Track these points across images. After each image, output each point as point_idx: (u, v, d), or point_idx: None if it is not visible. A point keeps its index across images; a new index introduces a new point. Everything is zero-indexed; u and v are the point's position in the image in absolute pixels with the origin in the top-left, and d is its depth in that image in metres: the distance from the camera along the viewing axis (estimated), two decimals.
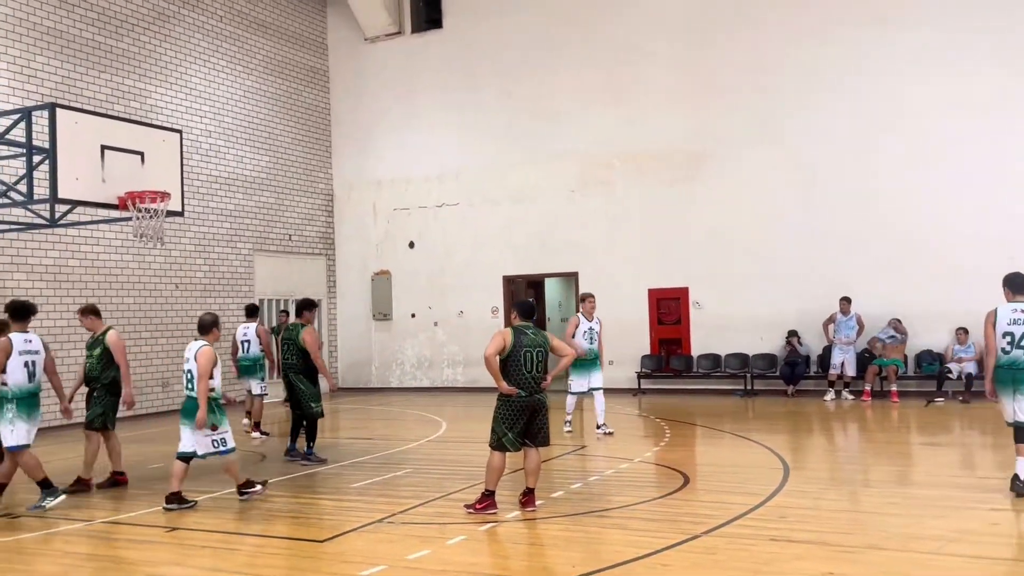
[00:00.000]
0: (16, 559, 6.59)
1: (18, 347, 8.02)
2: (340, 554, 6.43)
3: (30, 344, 8.16)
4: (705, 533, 6.54)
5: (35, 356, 8.19)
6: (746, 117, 16.66)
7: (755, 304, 16.51)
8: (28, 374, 8.07)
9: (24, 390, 8.03)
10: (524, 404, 7.33)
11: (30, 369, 8.09)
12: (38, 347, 8.26)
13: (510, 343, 7.33)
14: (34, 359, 8.16)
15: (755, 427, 12.65)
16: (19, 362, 8.00)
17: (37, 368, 8.18)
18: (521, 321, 7.59)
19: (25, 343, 8.11)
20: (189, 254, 16.80)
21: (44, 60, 14.39)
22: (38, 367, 8.21)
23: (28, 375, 8.07)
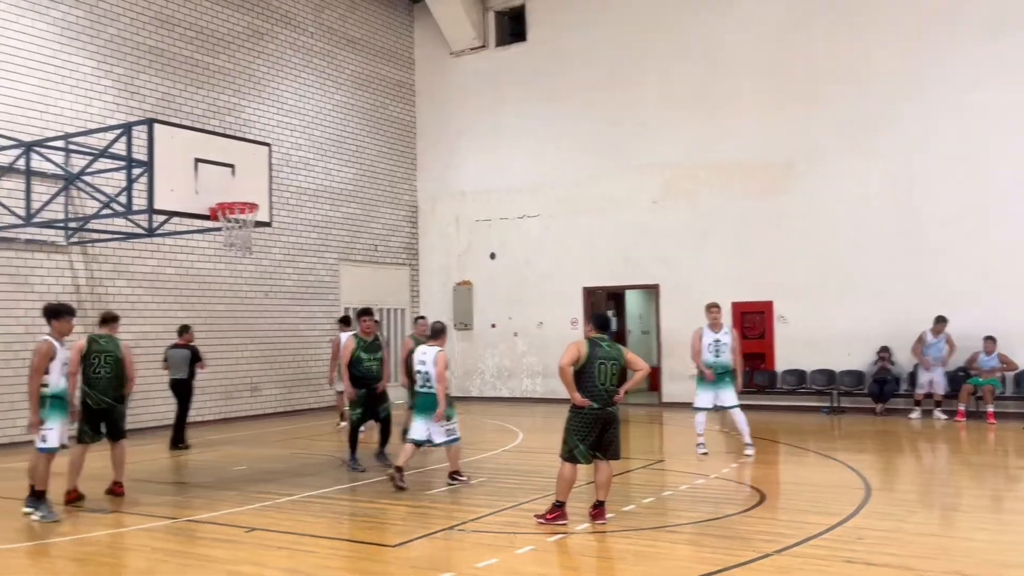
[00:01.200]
0: (107, 553, 6.93)
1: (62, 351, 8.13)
2: (410, 559, 6.54)
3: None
4: (777, 552, 6.40)
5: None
6: (838, 126, 16.24)
7: (843, 319, 16.06)
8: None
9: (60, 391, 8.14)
10: (596, 416, 7.31)
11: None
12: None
13: (584, 355, 7.31)
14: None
15: (840, 446, 12.29)
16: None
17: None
18: (596, 333, 7.56)
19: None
20: (278, 263, 17.35)
21: (146, 78, 15.11)
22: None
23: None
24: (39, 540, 7.28)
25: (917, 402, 14.80)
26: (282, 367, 17.22)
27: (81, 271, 14.04)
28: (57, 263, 13.71)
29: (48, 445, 7.98)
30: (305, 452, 12.44)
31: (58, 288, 13.63)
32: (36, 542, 7.23)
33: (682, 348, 17.41)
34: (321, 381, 16.82)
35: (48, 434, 7.97)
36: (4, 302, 13.01)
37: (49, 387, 8.03)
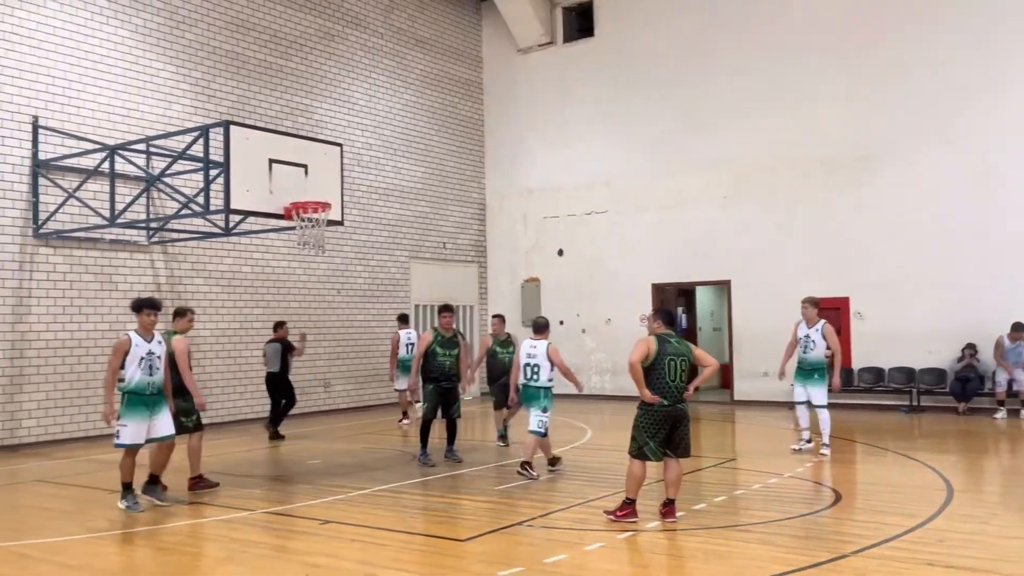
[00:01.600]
0: (188, 543, 7.15)
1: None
2: (480, 554, 6.59)
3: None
4: (854, 553, 6.26)
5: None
6: (918, 117, 15.76)
7: (923, 315, 15.58)
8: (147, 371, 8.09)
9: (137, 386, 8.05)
10: (666, 413, 7.26)
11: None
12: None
13: (654, 351, 7.27)
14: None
15: (920, 445, 11.95)
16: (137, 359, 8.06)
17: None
18: (664, 329, 7.50)
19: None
20: (350, 261, 17.64)
21: (222, 81, 15.52)
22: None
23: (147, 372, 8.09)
24: (123, 529, 7.56)
25: (1000, 402, 14.30)
26: (352, 363, 17.51)
27: (162, 270, 14.51)
28: (139, 262, 14.20)
29: (120, 441, 8.09)
30: (375, 447, 12.63)
31: (140, 286, 14.11)
32: (119, 531, 7.50)
33: (754, 345, 17.24)
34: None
35: (121, 430, 8.05)
36: (91, 300, 13.52)
37: (123, 382, 8.08)
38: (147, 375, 8.09)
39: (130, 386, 8.04)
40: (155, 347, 8.22)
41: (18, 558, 6.72)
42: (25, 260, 12.90)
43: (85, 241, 13.47)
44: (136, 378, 8.04)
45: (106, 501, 8.71)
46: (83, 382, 13.33)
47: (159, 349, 8.26)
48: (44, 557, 6.72)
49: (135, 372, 8.03)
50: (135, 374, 8.03)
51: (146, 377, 8.09)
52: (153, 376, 8.15)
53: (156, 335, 8.33)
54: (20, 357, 12.73)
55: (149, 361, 8.11)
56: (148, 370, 8.10)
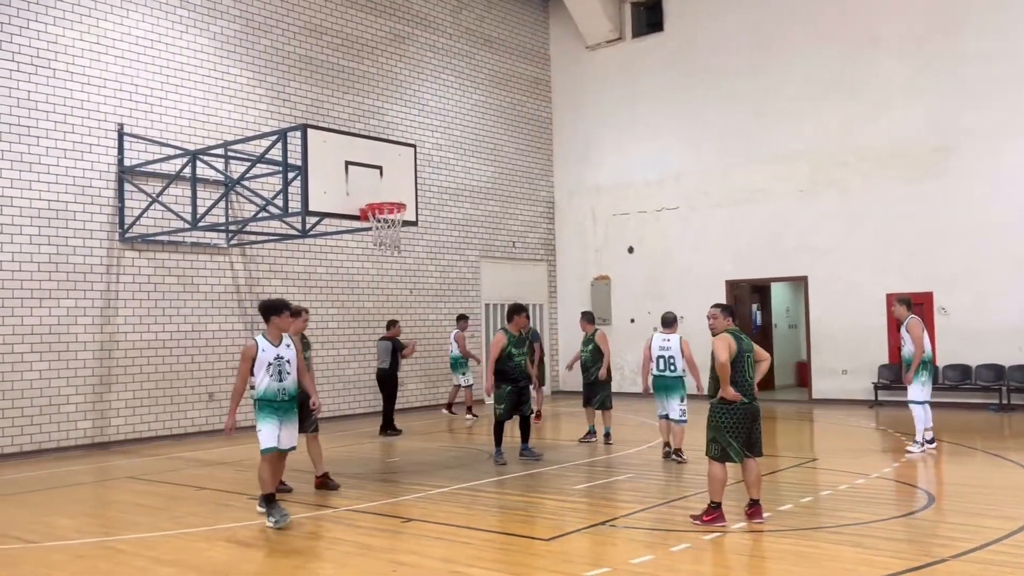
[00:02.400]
0: (275, 538, 7.27)
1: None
2: (564, 553, 6.55)
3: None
4: (953, 557, 6.03)
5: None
6: (999, 106, 15.20)
7: (1012, 311, 15.01)
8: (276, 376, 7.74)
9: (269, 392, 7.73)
10: (747, 411, 7.14)
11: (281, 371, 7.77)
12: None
13: (735, 349, 7.15)
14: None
15: (1012, 445, 11.51)
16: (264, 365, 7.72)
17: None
18: (731, 324, 7.38)
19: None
20: (422, 261, 17.78)
21: (297, 85, 15.80)
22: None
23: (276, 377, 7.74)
24: (212, 526, 7.73)
25: None
26: (425, 362, 17.65)
27: (240, 271, 14.83)
28: (219, 264, 14.54)
29: (262, 447, 7.72)
30: (451, 445, 12.70)
31: (220, 288, 14.45)
32: (209, 527, 7.67)
33: (832, 343, 16.84)
34: None
35: (259, 435, 7.71)
36: (173, 302, 13.90)
37: (254, 389, 7.73)
38: (276, 381, 7.67)
39: (260, 393, 7.68)
40: (284, 351, 7.76)
41: (113, 553, 6.92)
42: (112, 263, 13.31)
43: (168, 244, 13.85)
44: (265, 384, 7.66)
45: (195, 497, 8.93)
46: (167, 381, 13.71)
47: (288, 353, 7.79)
48: (137, 552, 6.91)
49: (264, 378, 7.65)
50: (264, 380, 7.65)
51: (275, 383, 7.66)
52: (283, 382, 7.70)
53: (285, 338, 7.88)
54: (108, 358, 13.15)
55: (278, 366, 7.68)
56: (277, 376, 7.67)
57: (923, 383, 10.75)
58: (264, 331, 7.91)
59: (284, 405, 7.77)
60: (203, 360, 14.16)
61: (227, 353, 14.44)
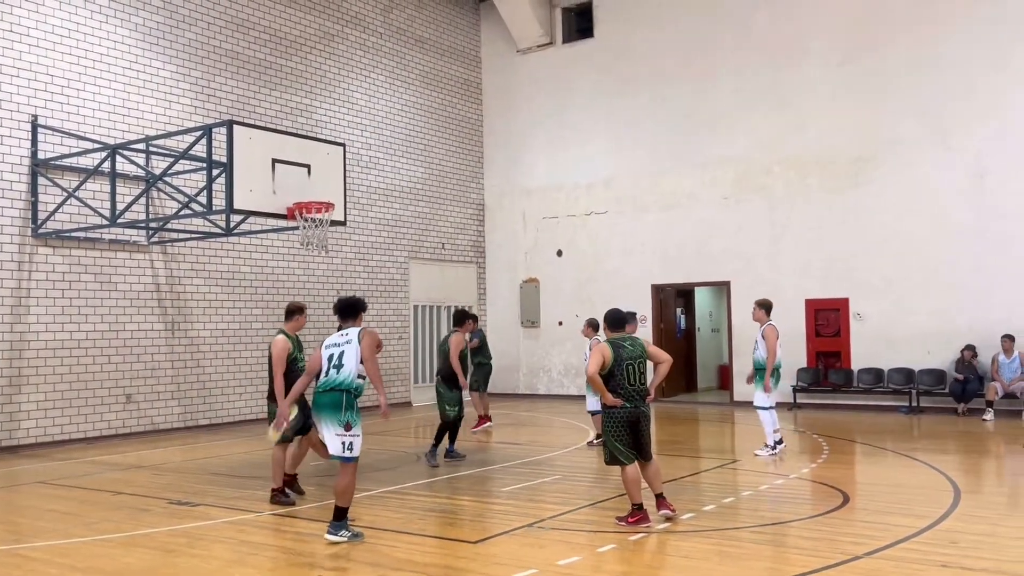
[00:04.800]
0: (196, 544, 7.09)
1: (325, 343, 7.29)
2: (492, 556, 6.55)
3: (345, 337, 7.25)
4: (867, 555, 6.24)
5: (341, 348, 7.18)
6: (917, 119, 15.78)
7: (922, 316, 15.62)
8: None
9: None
10: (628, 415, 7.28)
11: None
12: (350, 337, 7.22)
13: (610, 358, 7.29)
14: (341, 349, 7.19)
15: (921, 446, 11.97)
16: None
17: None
18: (614, 333, 7.50)
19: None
20: (350, 262, 17.58)
21: (222, 80, 15.45)
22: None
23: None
24: (129, 532, 7.49)
25: (988, 403, 14.33)
26: None
27: (161, 270, 14.43)
28: (139, 262, 14.11)
29: (357, 453, 7.20)
30: (377, 448, 12.58)
31: (139, 287, 14.04)
32: (125, 533, 7.44)
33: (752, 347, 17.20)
34: (391, 377, 17.03)
35: (356, 441, 7.20)
36: (90, 300, 13.43)
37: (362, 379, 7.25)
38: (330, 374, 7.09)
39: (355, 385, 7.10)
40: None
41: (24, 561, 6.65)
42: (24, 260, 12.80)
43: (84, 241, 13.38)
44: (321, 378, 7.12)
45: (110, 502, 8.65)
46: (82, 383, 13.25)
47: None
48: (50, 559, 6.66)
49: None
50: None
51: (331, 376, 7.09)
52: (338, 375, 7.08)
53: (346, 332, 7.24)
54: (19, 358, 12.64)
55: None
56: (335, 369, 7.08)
57: (772, 389, 10.85)
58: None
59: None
60: (120, 361, 13.72)
61: (146, 354, 14.04)
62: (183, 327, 14.57)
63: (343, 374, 7.05)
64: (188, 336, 14.61)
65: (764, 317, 11.00)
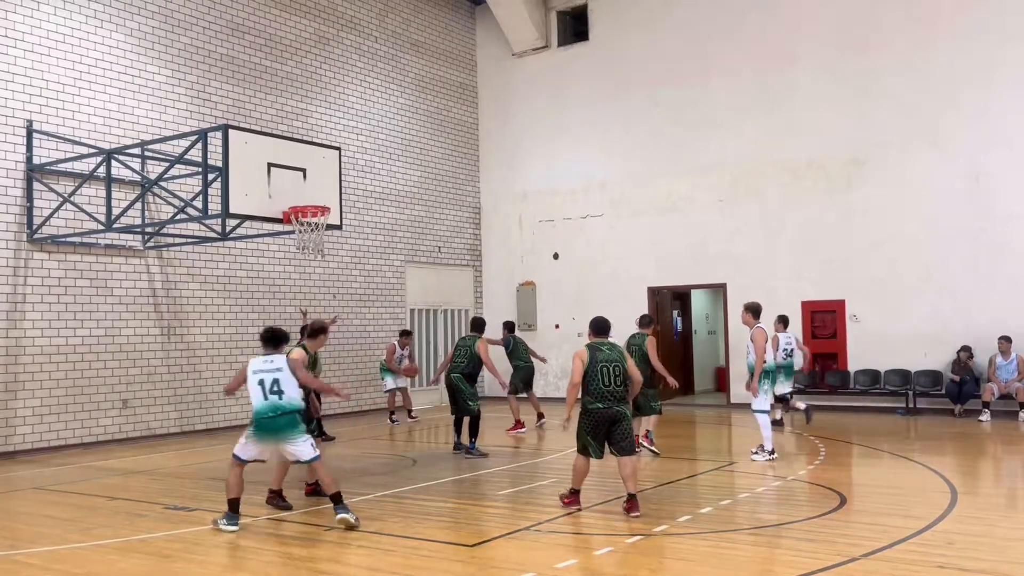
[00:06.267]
0: (193, 550, 7.07)
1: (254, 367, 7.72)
2: (490, 559, 6.55)
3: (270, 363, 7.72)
4: (864, 556, 6.25)
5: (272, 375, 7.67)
6: (910, 121, 15.83)
7: (918, 318, 15.65)
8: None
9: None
10: (602, 415, 7.74)
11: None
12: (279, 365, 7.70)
13: (587, 360, 7.80)
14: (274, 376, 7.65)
15: (918, 447, 11.98)
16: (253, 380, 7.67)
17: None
18: (596, 338, 8.05)
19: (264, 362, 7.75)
20: (346, 265, 17.57)
21: (218, 85, 15.45)
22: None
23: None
24: (125, 537, 7.48)
25: (985, 404, 14.36)
26: (349, 368, 17.44)
27: (157, 275, 14.41)
28: (135, 267, 14.09)
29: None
30: (374, 452, 12.57)
31: (135, 292, 14.02)
32: (122, 539, 7.43)
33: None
34: None
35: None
36: (85, 305, 13.41)
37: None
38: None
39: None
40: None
41: (21, 567, 6.64)
42: (19, 265, 12.78)
43: (80, 246, 13.36)
44: (263, 404, 7.64)
45: (107, 508, 8.64)
46: (78, 388, 13.22)
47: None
48: (46, 566, 6.64)
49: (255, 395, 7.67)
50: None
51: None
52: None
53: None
54: (15, 363, 12.61)
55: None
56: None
57: (765, 391, 10.75)
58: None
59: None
60: (116, 366, 13.70)
61: (142, 359, 14.02)
62: (179, 332, 14.55)
63: (286, 399, 7.62)
64: (184, 341, 14.58)
65: (752, 320, 10.77)
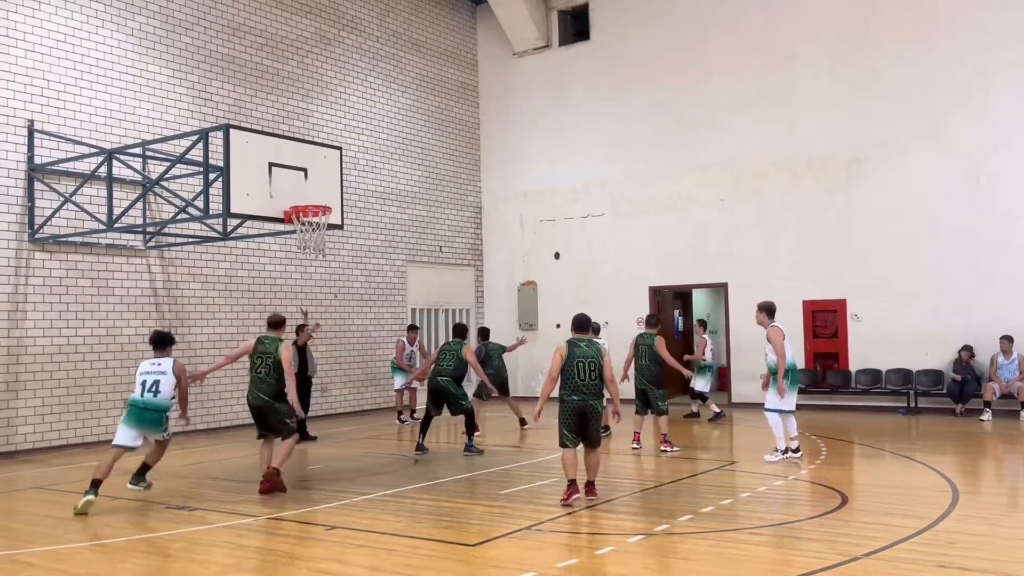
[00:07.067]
0: (195, 549, 7.08)
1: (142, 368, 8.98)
2: (491, 559, 6.55)
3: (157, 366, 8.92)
4: (865, 556, 6.24)
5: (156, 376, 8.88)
6: (911, 121, 15.82)
7: (920, 317, 15.64)
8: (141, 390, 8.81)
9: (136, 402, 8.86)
10: (575, 407, 8.22)
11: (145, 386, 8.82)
12: (164, 369, 8.91)
13: (565, 355, 8.27)
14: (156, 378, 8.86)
15: (919, 447, 11.98)
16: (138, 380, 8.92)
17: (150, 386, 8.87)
18: (576, 334, 8.44)
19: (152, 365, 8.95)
20: (347, 265, 17.58)
21: (219, 84, 15.45)
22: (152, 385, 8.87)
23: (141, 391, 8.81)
24: (127, 536, 7.49)
25: (987, 403, 14.35)
26: (350, 367, 17.45)
27: (158, 274, 14.42)
28: (136, 267, 14.10)
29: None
30: (376, 451, 12.58)
31: (136, 291, 14.02)
32: (124, 539, 7.43)
33: (750, 348, 17.20)
34: (388, 381, 17.05)
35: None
36: (87, 305, 13.42)
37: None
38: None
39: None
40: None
41: (23, 567, 6.63)
42: (21, 265, 12.79)
43: (81, 246, 13.37)
44: (140, 397, 8.91)
45: (108, 508, 8.63)
46: (79, 388, 13.23)
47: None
48: (49, 566, 6.64)
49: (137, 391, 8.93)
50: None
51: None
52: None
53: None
54: (16, 363, 12.62)
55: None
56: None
57: (784, 391, 10.35)
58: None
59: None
60: (118, 366, 13.70)
61: (143, 358, 13.96)
62: (180, 331, 14.53)
63: (161, 399, 8.79)
64: (185, 340, 14.57)
65: (767, 320, 10.63)
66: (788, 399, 10.41)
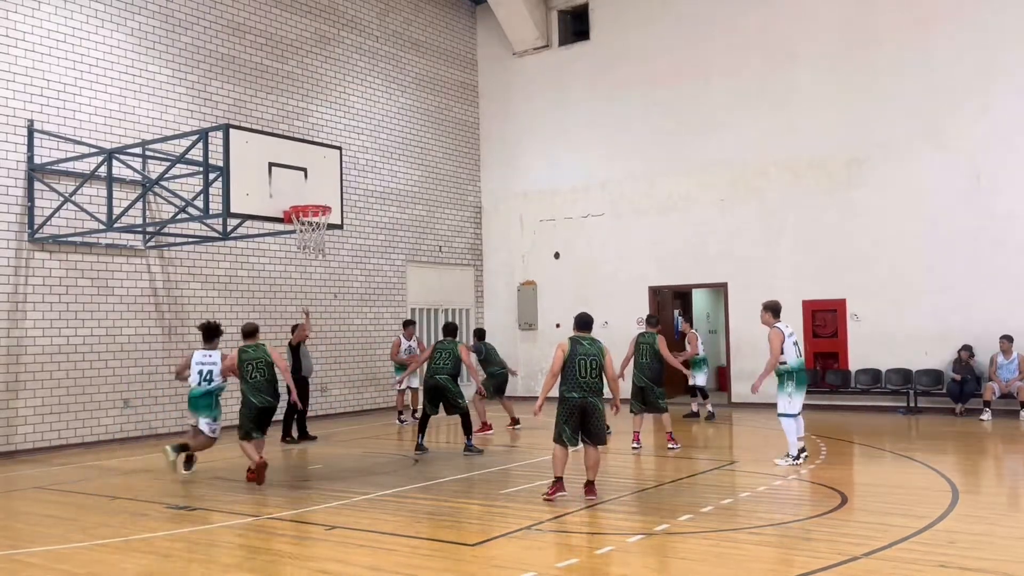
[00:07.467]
0: (194, 549, 7.08)
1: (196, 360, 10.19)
2: (491, 558, 6.55)
3: (208, 358, 10.16)
4: (865, 555, 6.25)
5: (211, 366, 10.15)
6: (911, 120, 15.82)
7: (919, 317, 15.65)
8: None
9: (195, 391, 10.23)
10: (576, 404, 8.24)
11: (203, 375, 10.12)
12: (216, 360, 10.17)
13: (567, 352, 8.30)
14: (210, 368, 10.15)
15: (919, 447, 11.98)
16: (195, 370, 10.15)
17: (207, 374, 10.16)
18: (577, 332, 8.50)
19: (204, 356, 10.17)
20: (347, 265, 17.58)
21: (219, 84, 15.45)
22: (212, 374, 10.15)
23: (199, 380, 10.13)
24: (127, 536, 7.49)
25: (986, 403, 14.35)
26: (350, 367, 17.45)
27: (158, 274, 14.42)
28: (135, 267, 14.10)
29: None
30: (376, 451, 12.58)
31: (136, 291, 14.02)
32: (123, 538, 7.43)
33: (750, 348, 17.24)
34: (388, 380, 17.05)
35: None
36: (87, 305, 13.42)
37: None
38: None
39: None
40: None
41: (22, 567, 6.64)
42: (20, 265, 12.79)
43: (81, 245, 13.37)
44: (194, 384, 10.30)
45: (108, 508, 8.64)
46: (79, 387, 13.23)
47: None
48: (48, 565, 6.64)
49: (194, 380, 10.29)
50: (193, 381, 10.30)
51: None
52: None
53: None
54: (16, 363, 12.62)
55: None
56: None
57: (789, 395, 10.20)
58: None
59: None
60: (118, 365, 13.71)
61: (143, 358, 14.02)
62: (180, 331, 14.55)
63: (214, 386, 10.13)
64: (185, 340, 14.57)
65: (771, 320, 10.42)
66: (795, 401, 10.26)
